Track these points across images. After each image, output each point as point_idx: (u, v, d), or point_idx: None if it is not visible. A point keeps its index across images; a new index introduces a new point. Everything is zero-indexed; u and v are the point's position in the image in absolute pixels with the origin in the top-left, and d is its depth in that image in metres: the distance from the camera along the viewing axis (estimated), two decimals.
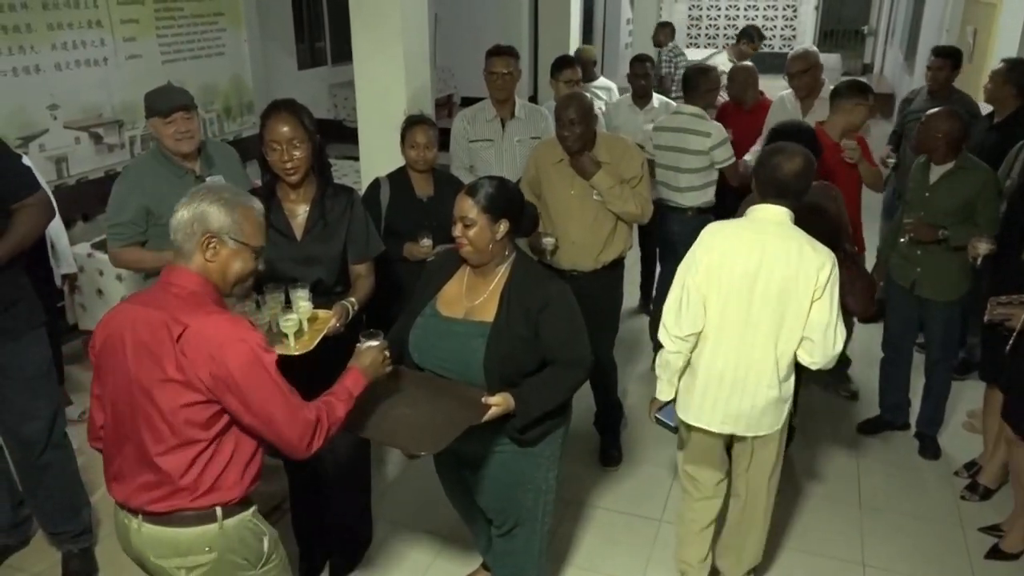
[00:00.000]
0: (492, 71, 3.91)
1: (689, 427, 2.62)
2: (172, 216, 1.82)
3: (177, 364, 1.69)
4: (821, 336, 2.37)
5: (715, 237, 2.47)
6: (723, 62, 6.40)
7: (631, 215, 3.33)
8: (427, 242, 3.24)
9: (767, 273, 2.36)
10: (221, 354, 1.69)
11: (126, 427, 1.79)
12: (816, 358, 2.41)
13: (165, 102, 2.90)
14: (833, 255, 2.38)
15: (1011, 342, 2.87)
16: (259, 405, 1.73)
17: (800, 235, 2.40)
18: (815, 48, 4.69)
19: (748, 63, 5.19)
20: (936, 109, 3.41)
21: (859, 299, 3.01)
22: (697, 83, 4.15)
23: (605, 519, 3.32)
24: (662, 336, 2.55)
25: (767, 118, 4.49)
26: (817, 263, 2.34)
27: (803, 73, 4.41)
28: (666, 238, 4.36)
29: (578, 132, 3.16)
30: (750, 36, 6.64)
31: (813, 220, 2.65)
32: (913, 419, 3.86)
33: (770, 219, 2.43)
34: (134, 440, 1.78)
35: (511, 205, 2.26)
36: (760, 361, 2.44)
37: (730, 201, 3.99)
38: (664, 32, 8.05)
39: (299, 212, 2.58)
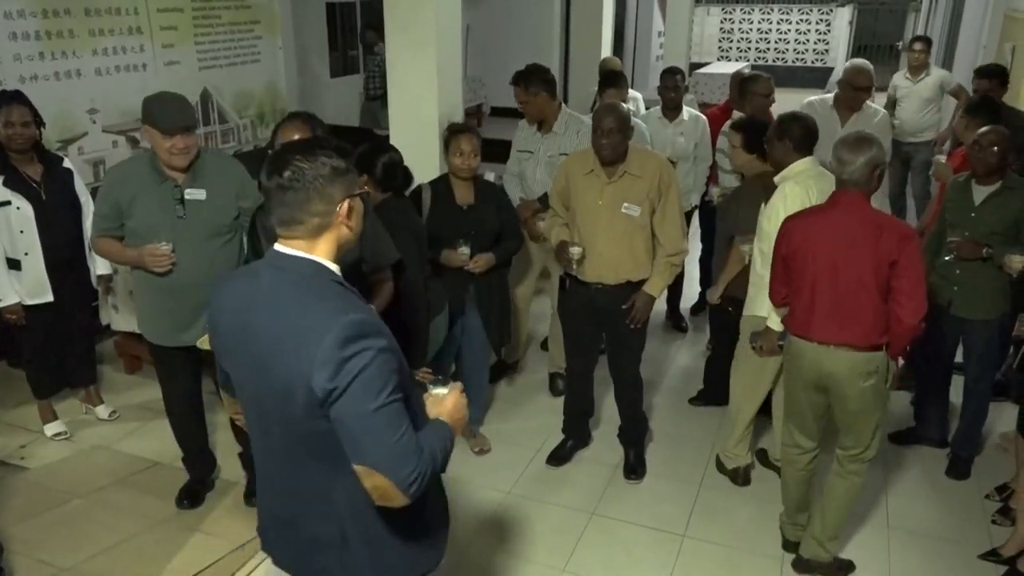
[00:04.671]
0: (518, 99, 4.08)
1: None
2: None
3: (878, 252, 2.60)
4: None
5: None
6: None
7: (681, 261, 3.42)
8: (465, 250, 3.26)
9: None
10: (905, 239, 2.61)
11: (825, 293, 2.67)
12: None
13: (168, 120, 2.79)
14: None
15: (1020, 356, 3.10)
16: (915, 271, 2.64)
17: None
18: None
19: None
20: (987, 128, 3.36)
21: None
22: (743, 91, 4.44)
23: (627, 533, 3.30)
24: None
25: None
26: None
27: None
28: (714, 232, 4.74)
29: (615, 141, 3.18)
30: None
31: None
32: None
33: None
34: (838, 300, 2.66)
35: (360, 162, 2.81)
36: None
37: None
38: (373, 34, 8.97)
39: None
